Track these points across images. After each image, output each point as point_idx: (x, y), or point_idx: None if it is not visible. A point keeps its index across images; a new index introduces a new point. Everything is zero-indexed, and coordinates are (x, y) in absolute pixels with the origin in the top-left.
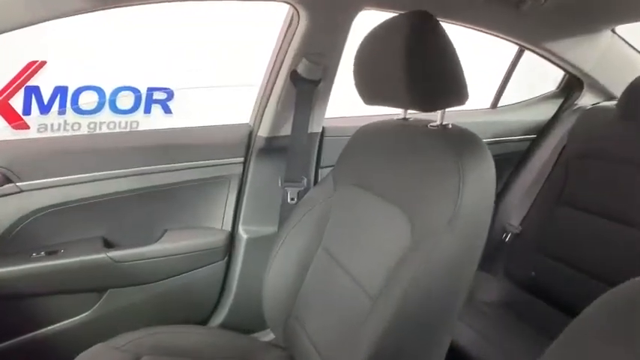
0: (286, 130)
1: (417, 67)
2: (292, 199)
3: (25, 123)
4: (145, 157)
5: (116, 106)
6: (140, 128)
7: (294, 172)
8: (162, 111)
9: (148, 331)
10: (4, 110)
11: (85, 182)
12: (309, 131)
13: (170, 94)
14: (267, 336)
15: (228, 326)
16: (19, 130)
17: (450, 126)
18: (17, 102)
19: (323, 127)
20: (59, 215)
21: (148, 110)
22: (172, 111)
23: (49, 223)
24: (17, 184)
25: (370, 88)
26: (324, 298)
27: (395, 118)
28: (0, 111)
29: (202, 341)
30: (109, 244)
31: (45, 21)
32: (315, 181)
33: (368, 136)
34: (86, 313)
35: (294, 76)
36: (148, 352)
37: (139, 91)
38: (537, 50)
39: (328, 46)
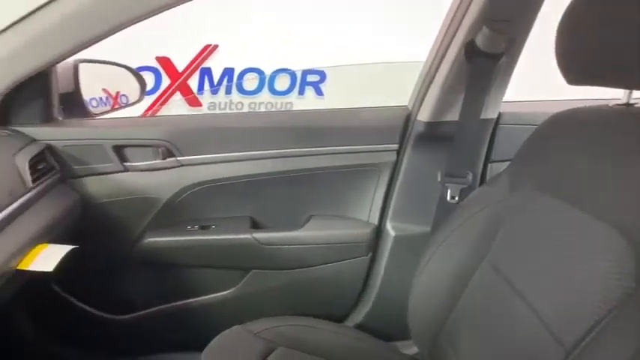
0: (453, 115)
1: None
2: (453, 197)
3: (199, 101)
4: (296, 139)
5: (274, 88)
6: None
7: (458, 165)
8: (314, 93)
9: (287, 321)
10: (183, 89)
11: (239, 161)
12: (482, 117)
13: (323, 77)
14: (409, 348)
15: (366, 328)
16: (193, 108)
17: None
18: (192, 82)
19: (499, 113)
20: (212, 191)
21: (302, 92)
22: (324, 93)
23: (203, 197)
24: (178, 158)
25: (580, 63)
26: (487, 322)
27: (611, 103)
28: (180, 90)
29: (340, 342)
30: (255, 225)
31: None
32: (483, 179)
33: (565, 126)
34: (229, 291)
35: (469, 48)
36: (283, 343)
37: (294, 73)
38: None
39: (518, 10)
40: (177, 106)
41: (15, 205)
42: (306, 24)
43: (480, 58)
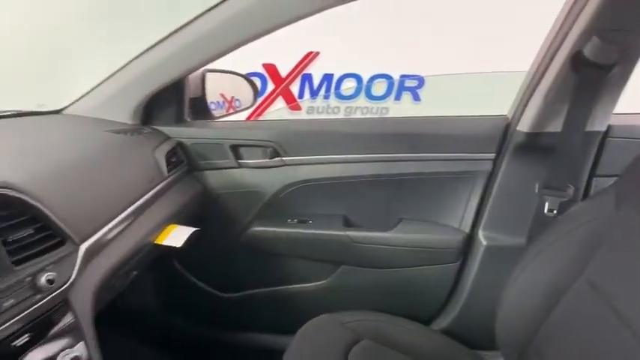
0: (555, 126)
1: None
2: (551, 210)
3: (299, 105)
4: (391, 145)
5: (371, 93)
6: (389, 115)
7: (558, 177)
8: (411, 98)
9: (376, 316)
10: (285, 94)
11: (336, 163)
12: (588, 129)
13: (421, 82)
14: (494, 359)
15: (450, 334)
16: (293, 112)
17: None
18: (293, 87)
19: (609, 126)
20: (311, 189)
21: (398, 97)
22: (421, 99)
23: (303, 194)
24: (283, 158)
25: None
26: (580, 340)
27: None
28: (283, 95)
29: (425, 343)
30: (348, 223)
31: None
32: (587, 193)
33: None
34: (321, 282)
35: (577, 59)
36: (370, 336)
37: (392, 79)
38: None
39: (633, 19)
40: (278, 108)
41: (155, 191)
42: (407, 33)
43: (588, 68)
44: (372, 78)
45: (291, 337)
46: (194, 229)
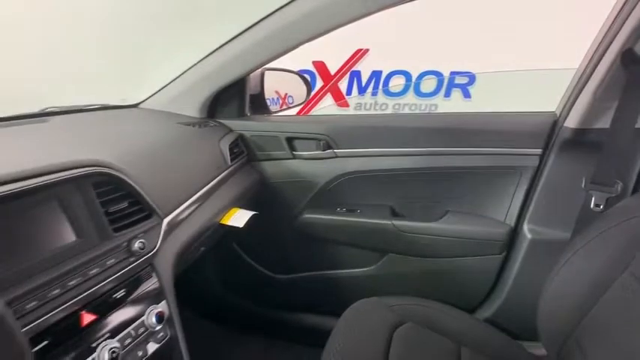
0: (604, 122)
1: None
2: (598, 205)
3: (347, 102)
4: (438, 139)
5: (419, 90)
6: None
7: (605, 173)
8: (461, 95)
9: (421, 302)
10: (334, 91)
11: (384, 156)
12: (637, 126)
13: (472, 79)
14: (537, 349)
15: (493, 324)
16: (341, 108)
17: None
18: (342, 84)
19: None
20: (360, 180)
21: (448, 94)
22: (472, 96)
23: (352, 185)
24: (335, 150)
25: None
26: (624, 333)
27: None
28: (331, 91)
29: (468, 330)
30: (395, 213)
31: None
32: (636, 190)
33: None
34: (367, 268)
35: (627, 56)
36: (414, 319)
37: (441, 75)
38: None
39: None
40: (326, 105)
41: (220, 177)
42: (459, 29)
43: (638, 66)
44: (422, 75)
45: (337, 318)
46: (253, 212)
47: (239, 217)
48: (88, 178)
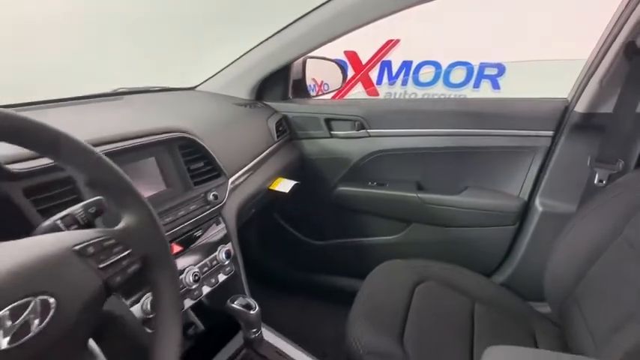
0: (608, 107)
1: None
2: (601, 180)
3: (377, 91)
4: (461, 121)
5: (449, 80)
6: None
7: (608, 152)
8: (490, 86)
9: (441, 265)
10: (364, 80)
11: (412, 136)
12: (638, 111)
13: (501, 70)
14: (543, 308)
15: (506, 287)
16: (371, 97)
17: None
18: (372, 73)
19: None
20: (390, 158)
21: (477, 85)
22: (501, 87)
23: (382, 162)
24: (367, 130)
25: None
26: (613, 289)
27: None
28: (362, 81)
29: (484, 290)
30: (420, 188)
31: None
32: (636, 167)
33: None
34: (394, 236)
35: (629, 48)
36: (434, 278)
37: (471, 66)
38: None
39: None
40: (357, 92)
41: (268, 151)
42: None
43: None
44: (451, 65)
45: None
46: (295, 182)
47: (284, 185)
48: (176, 142)
